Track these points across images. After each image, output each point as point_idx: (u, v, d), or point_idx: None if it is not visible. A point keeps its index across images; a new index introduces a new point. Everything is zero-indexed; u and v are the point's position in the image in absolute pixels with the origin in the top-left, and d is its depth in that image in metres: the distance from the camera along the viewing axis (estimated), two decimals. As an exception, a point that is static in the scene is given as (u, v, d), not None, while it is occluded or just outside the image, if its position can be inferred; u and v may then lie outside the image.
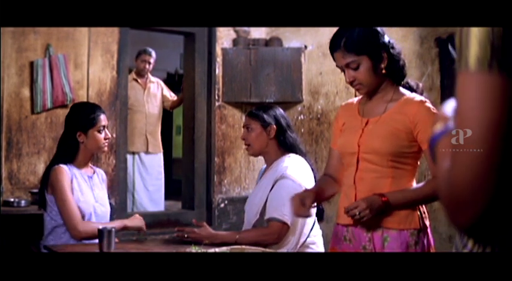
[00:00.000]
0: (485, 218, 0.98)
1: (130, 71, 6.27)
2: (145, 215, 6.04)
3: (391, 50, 2.47)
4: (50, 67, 5.03)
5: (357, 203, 2.35)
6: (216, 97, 6.07)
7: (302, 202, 2.49)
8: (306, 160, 3.23)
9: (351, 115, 2.61)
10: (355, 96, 5.45)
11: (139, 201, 6.46)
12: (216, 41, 6.11)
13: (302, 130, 5.97)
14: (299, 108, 6.01)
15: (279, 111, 3.28)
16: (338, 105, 5.69)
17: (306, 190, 2.65)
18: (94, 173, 3.40)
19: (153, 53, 6.64)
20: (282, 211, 2.99)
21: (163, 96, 6.74)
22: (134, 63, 6.57)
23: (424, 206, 2.49)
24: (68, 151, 3.27)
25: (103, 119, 3.31)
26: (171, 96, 6.81)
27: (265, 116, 3.23)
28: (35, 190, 4.84)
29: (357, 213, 2.32)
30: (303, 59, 6.03)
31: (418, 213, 2.42)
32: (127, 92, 5.79)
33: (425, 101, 2.43)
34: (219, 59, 6.09)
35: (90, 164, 3.40)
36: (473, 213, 0.97)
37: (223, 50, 6.08)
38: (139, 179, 6.50)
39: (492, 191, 0.96)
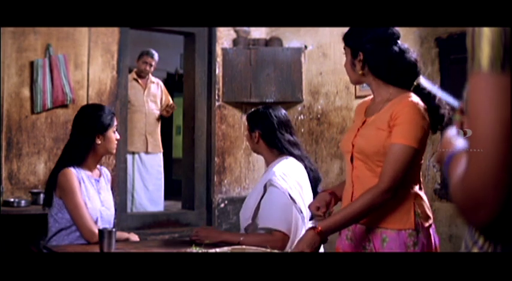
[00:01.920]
0: (501, 216, 0.99)
1: (130, 71, 6.26)
2: (145, 215, 6.09)
3: (380, 53, 2.48)
4: (50, 67, 5.03)
5: (297, 249, 2.41)
6: (216, 97, 6.08)
7: (322, 203, 2.62)
8: (301, 161, 3.20)
9: (359, 114, 2.66)
10: (355, 96, 5.49)
11: (139, 201, 6.46)
12: (216, 41, 6.11)
13: (302, 130, 5.97)
14: (299, 108, 6.02)
15: (270, 113, 3.22)
16: (338, 105, 5.69)
17: (323, 191, 2.73)
18: (100, 175, 3.36)
19: (156, 56, 6.58)
20: (280, 220, 2.98)
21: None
22: (135, 63, 6.55)
23: (425, 206, 2.48)
24: (79, 154, 3.22)
25: (115, 119, 3.31)
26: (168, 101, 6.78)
27: (251, 122, 3.24)
28: (35, 190, 4.86)
29: None
30: (303, 59, 6.03)
31: (414, 213, 2.42)
32: (127, 92, 5.79)
33: (414, 102, 2.42)
34: (219, 59, 6.09)
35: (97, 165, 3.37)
36: (491, 211, 0.98)
37: (224, 50, 6.09)
38: (139, 179, 6.49)
39: (507, 188, 0.96)
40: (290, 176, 3.07)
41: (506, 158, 0.96)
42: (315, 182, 3.23)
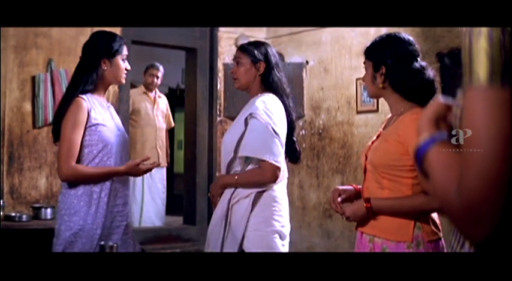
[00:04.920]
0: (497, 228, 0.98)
1: (132, 86, 6.29)
2: (147, 231, 6.07)
3: (402, 68, 2.51)
4: (51, 82, 5.05)
5: (343, 210, 2.60)
6: (218, 112, 6.09)
7: (338, 195, 2.69)
8: (283, 100, 3.18)
9: (380, 127, 2.72)
10: (356, 111, 5.48)
11: (147, 214, 6.45)
12: (218, 56, 6.13)
13: (303, 145, 5.96)
14: (300, 124, 6.01)
15: (271, 49, 3.25)
16: (339, 121, 5.69)
17: (350, 185, 2.78)
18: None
19: (161, 68, 6.66)
20: (264, 150, 2.97)
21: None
22: (141, 77, 6.61)
23: (430, 220, 2.47)
24: (86, 80, 3.10)
25: (125, 48, 3.23)
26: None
27: (255, 51, 3.19)
28: (37, 205, 4.84)
29: (343, 218, 2.63)
30: (304, 75, 6.04)
31: (413, 226, 2.43)
32: (128, 106, 5.81)
33: (418, 117, 2.43)
34: (220, 74, 6.11)
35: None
36: (491, 226, 0.97)
37: (225, 65, 6.10)
38: (147, 192, 6.50)
39: (504, 201, 0.96)
40: (274, 111, 3.06)
41: (508, 173, 0.96)
42: (291, 121, 3.23)
